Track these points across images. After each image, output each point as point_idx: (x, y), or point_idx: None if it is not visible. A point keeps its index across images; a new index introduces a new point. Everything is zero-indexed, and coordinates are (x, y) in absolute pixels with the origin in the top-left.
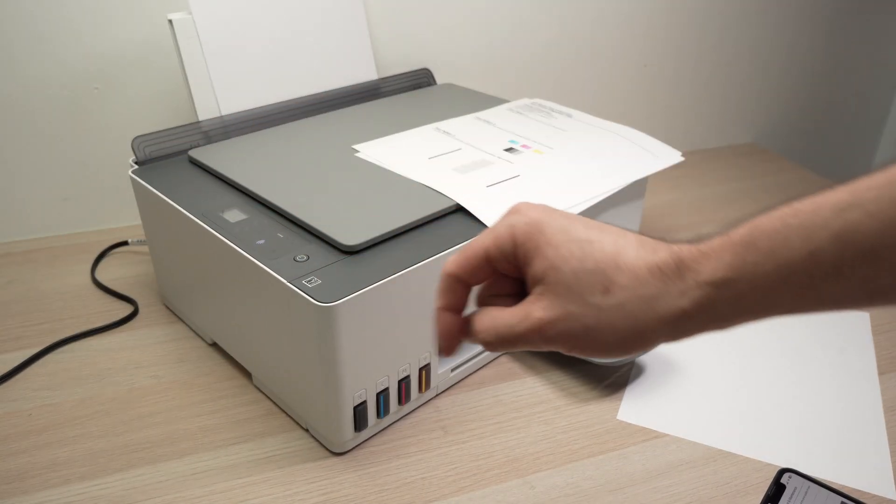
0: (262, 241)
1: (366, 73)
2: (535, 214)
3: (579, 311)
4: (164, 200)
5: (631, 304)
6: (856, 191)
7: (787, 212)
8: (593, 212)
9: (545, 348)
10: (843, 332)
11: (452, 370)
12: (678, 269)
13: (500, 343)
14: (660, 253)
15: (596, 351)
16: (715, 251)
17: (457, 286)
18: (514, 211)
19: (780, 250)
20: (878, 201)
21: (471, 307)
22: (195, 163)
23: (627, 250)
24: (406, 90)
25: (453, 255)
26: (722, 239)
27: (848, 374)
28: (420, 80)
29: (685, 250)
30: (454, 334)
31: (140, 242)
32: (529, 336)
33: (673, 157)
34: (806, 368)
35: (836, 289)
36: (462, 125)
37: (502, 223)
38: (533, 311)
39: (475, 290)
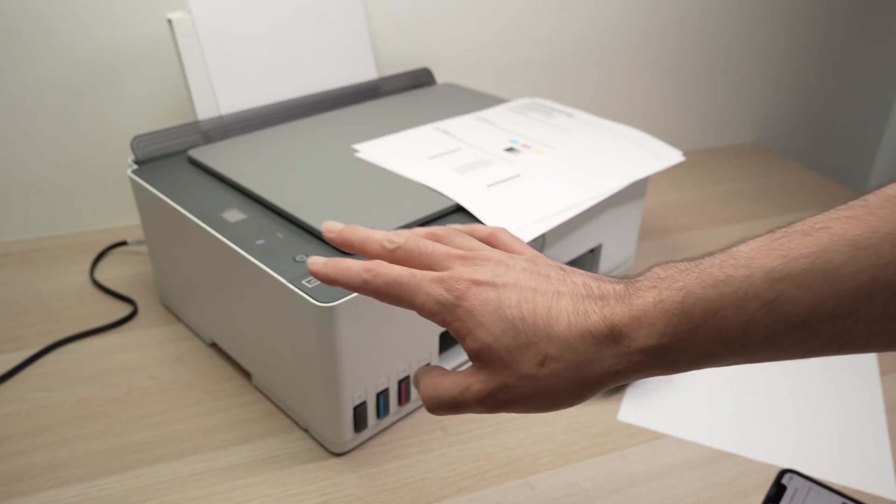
0: (261, 241)
1: (366, 73)
2: (464, 293)
3: (516, 384)
4: (164, 200)
5: (566, 372)
6: (788, 258)
7: (719, 276)
8: (594, 212)
9: (493, 413)
10: None
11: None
12: (611, 335)
13: (446, 410)
14: (592, 316)
15: (540, 410)
16: (648, 317)
17: None
18: (443, 284)
19: (712, 321)
20: (809, 272)
21: None
22: (194, 163)
23: (560, 319)
24: (406, 90)
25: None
26: (654, 301)
27: (849, 374)
28: (420, 79)
29: (618, 314)
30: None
31: (139, 242)
32: (473, 407)
33: (673, 156)
34: (807, 368)
35: (770, 352)
36: (462, 125)
37: (427, 295)
38: (472, 384)
39: None
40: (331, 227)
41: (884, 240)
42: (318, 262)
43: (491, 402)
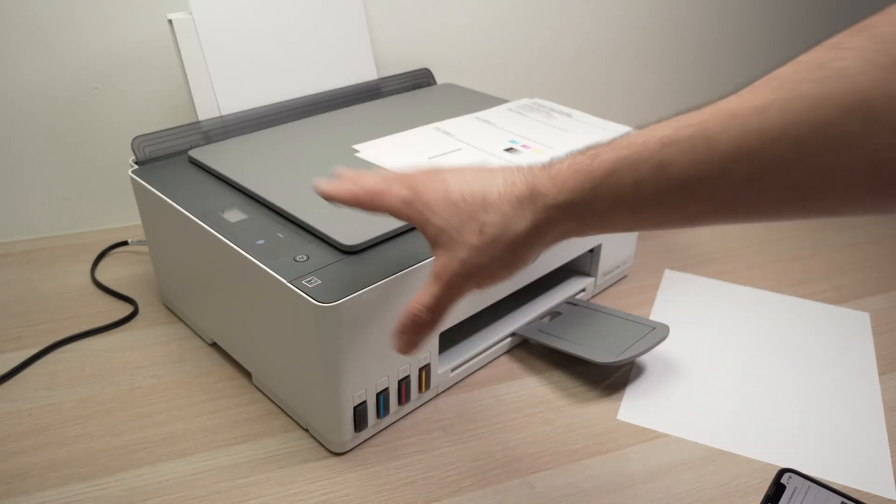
0: (261, 241)
1: (366, 73)
2: (420, 188)
3: (468, 257)
4: (164, 200)
5: (500, 234)
6: (678, 127)
7: (623, 143)
8: None
9: (466, 293)
10: (844, 332)
11: (452, 370)
12: (531, 195)
13: (434, 312)
14: (518, 185)
15: (494, 277)
16: (560, 177)
17: None
18: (406, 185)
19: (611, 178)
20: (691, 139)
21: None
22: (195, 163)
23: (492, 192)
24: (406, 90)
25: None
26: (569, 164)
27: (848, 374)
28: (420, 79)
29: (538, 177)
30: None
31: (140, 242)
32: (447, 294)
33: None
34: (806, 368)
35: (657, 213)
36: (462, 125)
37: (394, 196)
38: (440, 273)
39: None
40: (338, 171)
41: (752, 110)
42: (323, 182)
43: (456, 280)
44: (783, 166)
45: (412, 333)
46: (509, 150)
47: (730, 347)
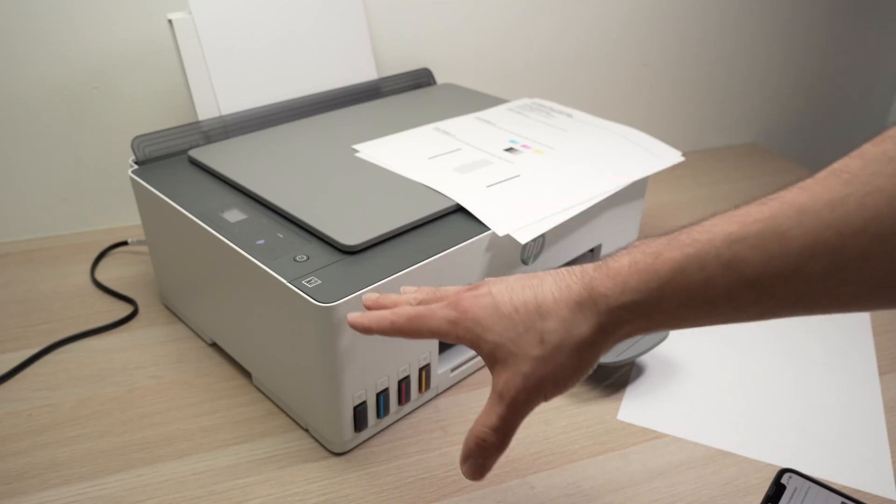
0: (261, 241)
1: (366, 73)
2: (466, 306)
3: (531, 370)
4: (164, 200)
5: (563, 341)
6: (744, 223)
7: (685, 240)
8: (593, 212)
9: (533, 408)
10: (844, 332)
11: (452, 370)
12: (591, 297)
13: (502, 433)
14: (574, 288)
15: (563, 386)
16: (622, 276)
17: None
18: (450, 305)
19: (678, 277)
20: (761, 235)
21: None
22: (195, 163)
23: (546, 298)
24: (406, 90)
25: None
26: (629, 263)
27: (848, 374)
28: (420, 79)
29: (596, 279)
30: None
31: (140, 242)
32: (514, 413)
33: (673, 157)
34: (806, 368)
35: (730, 310)
36: (462, 125)
37: (438, 318)
38: (504, 392)
39: None
40: (366, 299)
41: (825, 205)
42: (354, 315)
43: (522, 397)
44: (866, 260)
45: (479, 457)
46: (509, 150)
47: (730, 347)
